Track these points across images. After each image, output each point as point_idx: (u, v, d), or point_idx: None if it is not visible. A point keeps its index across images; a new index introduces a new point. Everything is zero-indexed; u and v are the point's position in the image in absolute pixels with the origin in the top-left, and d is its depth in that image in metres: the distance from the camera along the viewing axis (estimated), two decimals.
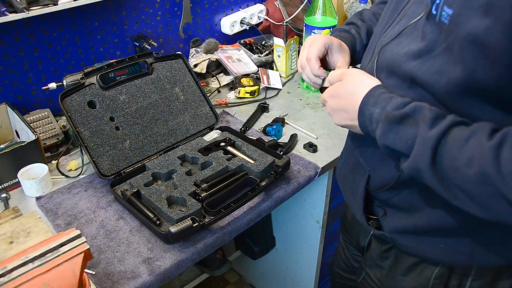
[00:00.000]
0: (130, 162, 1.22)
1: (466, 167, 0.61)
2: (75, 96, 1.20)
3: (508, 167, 0.57)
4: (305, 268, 1.66)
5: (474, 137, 0.62)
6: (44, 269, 0.71)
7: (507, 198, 0.58)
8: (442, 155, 0.64)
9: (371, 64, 0.82)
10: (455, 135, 0.63)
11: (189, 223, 0.97)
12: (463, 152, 0.61)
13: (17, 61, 1.34)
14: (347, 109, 0.78)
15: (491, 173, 0.59)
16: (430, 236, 0.80)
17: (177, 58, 1.39)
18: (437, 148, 0.64)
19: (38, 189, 1.16)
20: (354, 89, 0.77)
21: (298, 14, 1.81)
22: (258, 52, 1.80)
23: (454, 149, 0.62)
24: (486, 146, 0.60)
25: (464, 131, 0.63)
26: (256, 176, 1.15)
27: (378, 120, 0.71)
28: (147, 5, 1.57)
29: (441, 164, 0.64)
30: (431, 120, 0.65)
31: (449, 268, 0.82)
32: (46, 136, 1.30)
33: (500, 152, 0.59)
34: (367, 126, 0.74)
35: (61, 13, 1.36)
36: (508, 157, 0.58)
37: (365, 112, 0.74)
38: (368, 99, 0.74)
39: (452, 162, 0.62)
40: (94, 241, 1.02)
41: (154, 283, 0.94)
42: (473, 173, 0.60)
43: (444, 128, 0.64)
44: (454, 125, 0.64)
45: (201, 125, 1.37)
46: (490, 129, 0.62)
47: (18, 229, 0.96)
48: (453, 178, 0.63)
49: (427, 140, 0.64)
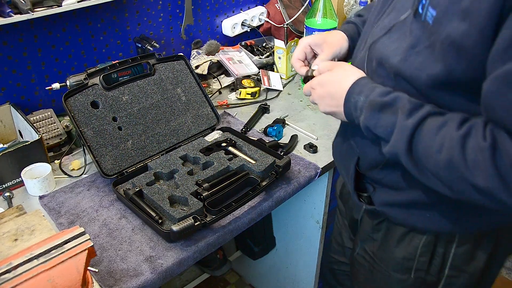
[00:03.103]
0: (132, 161, 1.23)
1: (437, 153, 0.68)
2: (78, 96, 1.21)
3: (472, 156, 0.65)
4: (305, 268, 1.67)
5: (445, 127, 0.68)
6: (48, 265, 0.72)
7: (470, 182, 0.65)
8: (417, 142, 0.71)
9: (364, 53, 0.87)
10: (429, 125, 0.70)
11: (191, 222, 0.98)
12: (435, 140, 0.69)
13: (20, 61, 1.35)
14: (334, 95, 0.84)
15: (457, 160, 0.66)
16: (416, 208, 0.87)
17: (179, 59, 1.41)
18: (413, 136, 0.71)
19: (41, 188, 1.17)
20: (342, 78, 0.84)
21: (299, 16, 1.83)
22: (259, 54, 1.82)
23: (427, 137, 0.70)
24: (454, 135, 0.67)
25: (438, 121, 0.70)
26: (257, 176, 1.17)
27: (362, 107, 0.78)
28: (149, 7, 1.58)
29: (416, 150, 0.71)
30: (409, 110, 0.72)
31: (435, 235, 0.89)
32: (49, 136, 1.31)
33: (466, 142, 0.66)
34: (351, 113, 0.81)
35: (65, 15, 1.37)
36: (473, 147, 0.65)
37: (350, 99, 0.81)
38: (354, 88, 0.80)
39: (425, 149, 0.70)
40: (96, 240, 1.03)
41: (156, 281, 0.95)
42: (443, 159, 0.67)
43: (420, 118, 0.71)
44: (429, 116, 0.71)
45: (203, 126, 1.38)
46: (460, 120, 0.69)
47: (22, 226, 0.97)
48: (426, 163, 0.71)
49: (405, 128, 0.71)
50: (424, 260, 0.91)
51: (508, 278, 2.13)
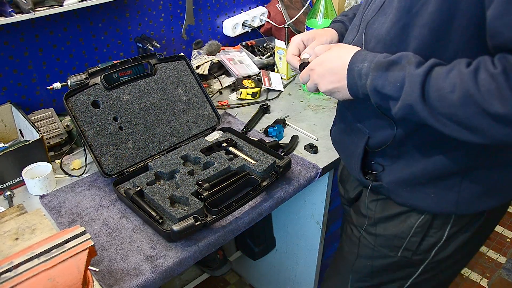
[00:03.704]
0: (133, 161, 1.23)
1: (451, 93, 0.69)
2: (79, 96, 1.21)
3: (486, 86, 0.66)
4: (305, 269, 1.67)
5: (454, 69, 0.70)
6: (49, 264, 0.72)
7: (489, 112, 0.66)
8: (430, 88, 0.71)
9: (359, 37, 0.90)
10: (438, 71, 0.72)
11: (191, 222, 0.98)
12: (446, 81, 0.70)
13: (21, 61, 1.35)
14: (335, 70, 0.84)
15: (472, 93, 0.67)
16: (423, 186, 0.89)
17: (180, 60, 1.41)
18: (425, 82, 0.72)
19: (41, 188, 1.17)
20: (341, 53, 0.85)
21: (300, 16, 1.83)
22: (260, 54, 1.82)
23: (439, 81, 0.71)
24: (465, 72, 0.69)
25: (446, 67, 0.72)
26: (258, 176, 1.17)
27: (367, 72, 0.79)
28: (150, 7, 1.58)
29: (429, 96, 0.72)
30: (416, 63, 0.74)
31: (432, 216, 0.92)
32: (50, 135, 1.32)
33: (477, 74, 0.67)
34: (356, 83, 0.81)
35: (66, 14, 1.38)
36: (484, 78, 0.66)
37: (354, 69, 0.81)
38: (357, 58, 0.81)
39: (439, 92, 0.71)
40: (97, 239, 1.03)
41: (156, 280, 0.95)
42: (457, 97, 0.68)
43: (429, 66, 0.72)
44: (436, 65, 0.73)
45: (203, 126, 1.38)
46: (467, 61, 0.71)
47: (23, 226, 0.98)
48: (441, 107, 0.71)
49: (416, 76, 0.72)
50: (415, 240, 0.94)
51: (508, 279, 2.14)
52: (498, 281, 2.13)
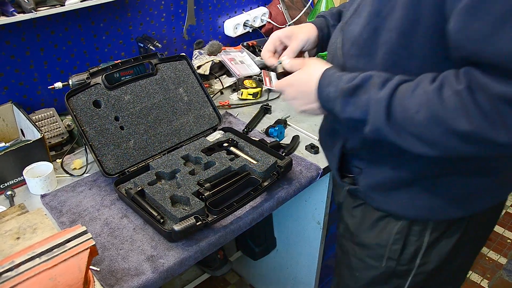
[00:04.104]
0: (134, 161, 1.23)
1: (416, 113, 0.68)
2: (80, 95, 1.21)
3: (451, 103, 0.64)
4: (305, 269, 1.67)
5: (419, 87, 0.69)
6: (50, 264, 0.72)
7: (456, 131, 0.65)
8: (395, 109, 0.71)
9: (339, 39, 0.89)
10: (402, 90, 0.71)
11: (193, 222, 0.98)
12: (412, 101, 0.68)
13: (23, 61, 1.36)
14: (306, 93, 0.86)
15: (438, 112, 0.65)
16: (396, 190, 0.88)
17: (181, 59, 1.41)
18: (390, 104, 0.71)
19: (43, 187, 1.17)
20: (309, 74, 0.85)
21: (301, 17, 1.83)
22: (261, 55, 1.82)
23: (404, 101, 0.70)
24: (429, 90, 0.67)
25: (410, 85, 0.70)
26: (259, 176, 1.17)
27: (334, 98, 0.79)
28: (152, 6, 1.58)
29: (395, 118, 0.71)
30: (380, 84, 0.73)
31: (409, 222, 0.90)
32: (51, 135, 1.32)
33: (442, 92, 0.66)
34: (327, 106, 0.83)
35: (67, 14, 1.38)
36: (449, 96, 0.65)
37: (322, 93, 0.82)
38: (323, 81, 0.82)
39: (405, 114, 0.69)
40: (98, 239, 1.03)
41: (157, 280, 0.95)
42: (423, 117, 0.67)
43: (393, 86, 0.71)
44: (400, 84, 0.72)
45: (204, 126, 1.38)
46: (431, 77, 0.69)
47: (24, 225, 0.98)
48: (407, 128, 0.70)
49: (380, 100, 0.72)
50: (396, 248, 0.92)
51: (509, 280, 2.13)
52: (499, 282, 2.13)
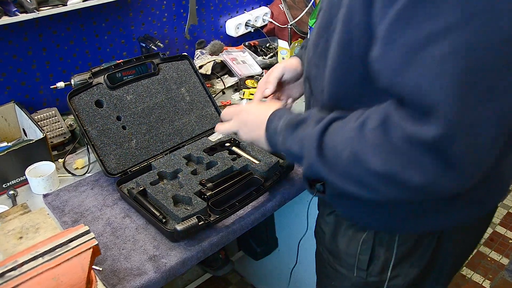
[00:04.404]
0: (136, 161, 1.23)
1: (342, 151, 0.66)
2: (82, 95, 1.21)
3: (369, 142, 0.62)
4: (306, 269, 1.67)
5: (347, 125, 0.67)
6: (53, 263, 0.72)
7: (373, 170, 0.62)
8: (326, 146, 0.69)
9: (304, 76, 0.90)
10: (334, 127, 0.69)
11: (195, 222, 0.98)
12: (339, 138, 0.67)
13: (25, 60, 1.36)
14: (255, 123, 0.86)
15: (357, 150, 0.63)
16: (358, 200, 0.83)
17: (183, 59, 1.41)
18: (321, 140, 0.69)
19: (45, 187, 1.17)
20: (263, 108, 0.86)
21: (303, 17, 1.83)
22: (263, 54, 1.82)
23: (334, 137, 0.68)
24: (353, 127, 0.65)
25: (341, 122, 0.69)
26: (261, 176, 1.17)
27: (280, 131, 0.79)
28: (154, 6, 1.58)
29: (326, 155, 0.69)
30: (318, 119, 0.72)
31: (374, 233, 0.86)
32: (53, 134, 1.32)
33: (363, 129, 0.63)
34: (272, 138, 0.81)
35: (70, 14, 1.38)
36: (367, 133, 0.62)
37: (271, 126, 0.81)
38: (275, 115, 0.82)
39: (334, 150, 0.68)
40: (100, 239, 1.03)
41: (159, 280, 0.95)
42: (346, 155, 0.65)
43: (326, 122, 0.70)
44: (334, 120, 0.70)
45: (206, 126, 1.38)
46: (359, 113, 0.67)
47: (27, 224, 0.97)
48: (336, 165, 0.68)
49: (313, 135, 0.70)
50: (364, 259, 0.89)
51: (511, 281, 2.13)
52: (501, 282, 2.13)
